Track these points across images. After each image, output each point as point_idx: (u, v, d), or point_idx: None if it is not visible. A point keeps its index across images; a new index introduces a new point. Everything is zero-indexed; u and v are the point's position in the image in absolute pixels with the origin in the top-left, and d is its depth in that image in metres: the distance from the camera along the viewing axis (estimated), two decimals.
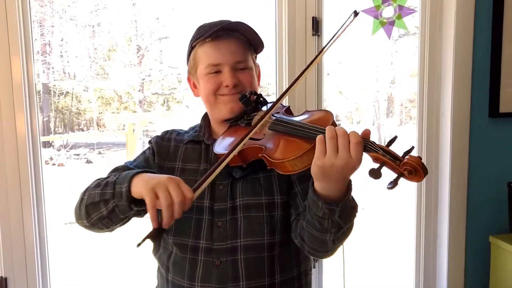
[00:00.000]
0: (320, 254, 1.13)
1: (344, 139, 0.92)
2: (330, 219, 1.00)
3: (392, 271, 3.93)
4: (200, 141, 1.28)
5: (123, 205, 1.03)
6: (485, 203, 1.93)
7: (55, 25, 10.71)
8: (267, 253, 1.16)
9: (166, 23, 11.20)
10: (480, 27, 1.86)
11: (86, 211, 1.10)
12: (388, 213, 5.47)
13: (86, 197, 1.11)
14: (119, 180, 1.04)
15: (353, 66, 11.02)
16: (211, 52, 1.21)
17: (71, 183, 7.55)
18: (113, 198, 1.04)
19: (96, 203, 1.07)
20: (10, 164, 1.80)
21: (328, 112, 1.10)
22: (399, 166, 0.89)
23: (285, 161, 1.01)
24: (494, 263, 1.89)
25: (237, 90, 1.21)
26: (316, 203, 0.99)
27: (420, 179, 0.89)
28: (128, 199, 1.01)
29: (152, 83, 11.63)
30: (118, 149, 11.60)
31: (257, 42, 1.27)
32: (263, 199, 1.16)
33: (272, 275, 1.16)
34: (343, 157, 0.91)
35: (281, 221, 1.17)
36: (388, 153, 0.91)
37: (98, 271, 4.13)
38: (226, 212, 1.16)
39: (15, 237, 1.84)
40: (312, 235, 1.06)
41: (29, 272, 1.86)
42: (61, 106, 11.88)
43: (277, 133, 1.10)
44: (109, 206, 1.05)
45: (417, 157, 0.89)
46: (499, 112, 1.89)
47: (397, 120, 12.40)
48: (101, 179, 1.14)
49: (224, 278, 1.14)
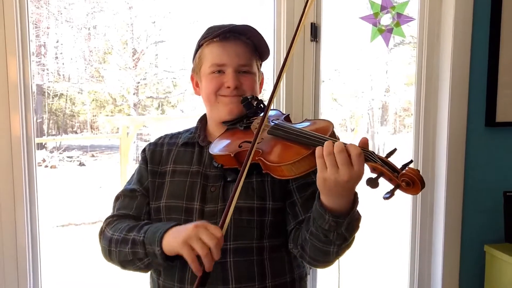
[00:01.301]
0: (320, 265, 1.13)
1: (342, 155, 0.91)
2: (335, 231, 1.00)
3: (386, 278, 3.92)
4: (194, 143, 1.28)
5: (159, 263, 1.07)
6: (480, 212, 1.93)
7: (50, 27, 10.69)
8: (256, 257, 1.16)
9: (162, 27, 11.22)
10: (478, 36, 1.87)
11: (121, 265, 1.17)
12: (383, 220, 5.48)
13: (114, 250, 1.15)
14: (147, 241, 1.08)
15: (348, 73, 11.09)
16: (217, 52, 1.22)
17: (64, 185, 7.52)
18: (147, 257, 1.08)
19: (130, 260, 1.13)
20: (4, 164, 1.78)
21: (328, 122, 1.10)
22: (396, 178, 0.90)
23: (282, 165, 1.02)
24: (488, 272, 1.89)
25: (237, 92, 1.21)
26: (323, 216, 0.99)
27: (416, 192, 0.90)
28: (163, 257, 1.05)
29: (147, 87, 11.62)
30: (112, 152, 11.56)
31: (263, 48, 1.28)
32: (254, 203, 1.16)
33: (263, 279, 1.16)
34: (345, 172, 0.91)
35: (271, 227, 1.17)
36: (387, 164, 0.92)
37: (89, 275, 4.09)
38: (217, 214, 1.16)
39: (7, 239, 1.81)
40: (315, 247, 1.05)
41: (20, 276, 1.84)
42: (55, 108, 11.83)
43: (276, 138, 1.10)
44: (145, 261, 1.10)
45: (415, 169, 0.89)
46: (496, 122, 1.90)
47: (391, 128, 12.47)
48: (118, 226, 1.19)
49: (214, 281, 1.13)
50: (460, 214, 1.92)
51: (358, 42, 2.33)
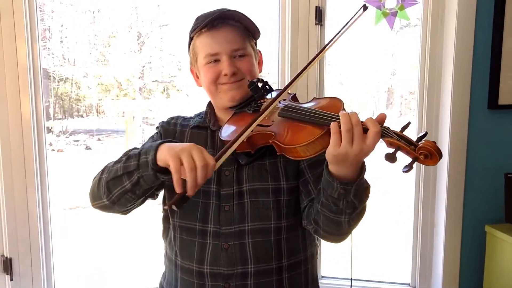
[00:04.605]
0: (335, 237, 1.15)
1: (359, 129, 0.93)
2: (345, 199, 1.02)
3: (388, 259, 3.98)
4: (206, 127, 1.29)
5: (149, 175, 1.03)
6: (482, 193, 1.96)
7: (55, 10, 10.65)
8: (274, 237, 1.18)
9: (167, 10, 11.13)
10: (481, 19, 1.87)
11: (107, 187, 1.09)
12: (386, 201, 5.51)
13: (105, 175, 1.11)
14: (143, 151, 1.04)
15: (354, 56, 10.99)
16: (207, 42, 1.22)
17: (70, 169, 7.59)
18: (138, 169, 1.04)
19: (118, 177, 1.07)
20: (15, 146, 1.82)
21: (337, 99, 1.11)
22: (414, 151, 0.91)
23: (297, 147, 1.02)
24: (489, 252, 1.93)
25: (236, 78, 1.22)
26: (331, 184, 1.01)
27: (435, 163, 0.91)
28: (154, 167, 1.01)
29: (152, 71, 11.59)
30: (118, 136, 11.60)
31: (254, 28, 1.26)
32: (269, 184, 1.18)
33: (280, 258, 1.19)
34: (358, 147, 0.93)
35: (287, 206, 1.19)
36: (403, 138, 0.93)
37: (100, 258, 4.16)
38: (233, 197, 1.18)
39: (20, 219, 1.87)
40: (327, 218, 1.07)
41: (33, 253, 1.89)
42: (60, 92, 11.84)
43: (288, 120, 1.11)
44: (133, 178, 1.05)
45: (432, 141, 0.91)
46: (498, 104, 1.91)
47: (397, 111, 12.39)
48: (118, 158, 1.14)
49: (233, 261, 1.16)
50: (461, 195, 1.95)
51: (363, 25, 2.32)
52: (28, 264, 1.89)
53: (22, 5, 1.78)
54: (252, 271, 1.16)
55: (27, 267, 1.90)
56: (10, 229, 1.86)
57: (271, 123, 1.13)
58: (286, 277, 1.20)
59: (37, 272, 1.92)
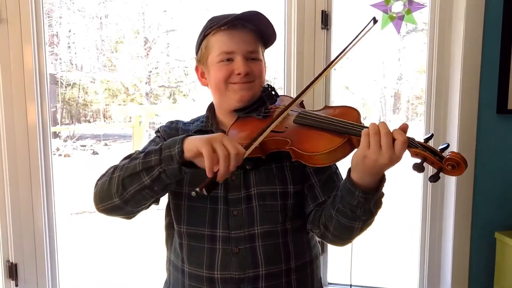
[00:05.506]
0: (342, 242, 1.17)
1: (388, 138, 0.94)
2: (363, 207, 1.03)
3: (397, 265, 3.94)
4: (208, 131, 1.28)
5: (172, 169, 1.00)
6: (491, 199, 1.93)
7: (63, 16, 10.75)
8: (282, 239, 1.19)
9: (174, 16, 11.22)
10: (490, 23, 1.86)
11: (123, 184, 1.06)
12: (394, 208, 5.48)
13: (119, 173, 1.07)
14: (166, 146, 1.03)
15: (360, 61, 10.98)
16: (225, 40, 1.22)
17: (77, 174, 7.61)
18: (160, 164, 1.01)
19: (136, 173, 1.04)
20: (21, 152, 1.83)
21: (353, 108, 1.12)
22: (440, 162, 0.94)
23: (318, 154, 1.03)
24: (499, 259, 1.90)
25: (248, 79, 1.21)
26: (353, 193, 1.02)
27: (460, 173, 0.95)
28: (180, 159, 0.99)
29: (159, 76, 11.66)
30: (124, 141, 11.67)
31: (270, 34, 1.26)
32: (277, 188, 1.19)
33: (288, 260, 1.19)
34: (387, 156, 0.94)
35: (292, 210, 1.20)
36: (428, 149, 0.95)
37: (105, 264, 4.16)
38: (241, 201, 1.18)
39: (25, 224, 1.87)
40: (341, 224, 1.09)
41: (38, 259, 1.89)
42: (68, 97, 11.95)
43: (303, 127, 1.11)
44: (153, 173, 1.02)
45: (457, 153, 0.93)
46: (507, 109, 1.89)
47: (404, 116, 12.36)
48: (126, 157, 1.13)
49: (244, 265, 1.16)
50: (470, 201, 1.92)
51: (370, 30, 2.33)
52: (33, 269, 1.89)
53: (29, 11, 1.79)
54: (263, 274, 1.16)
55: (32, 272, 1.89)
56: (15, 235, 1.86)
57: (285, 129, 1.13)
58: (294, 278, 1.20)
59: (42, 278, 1.91)
